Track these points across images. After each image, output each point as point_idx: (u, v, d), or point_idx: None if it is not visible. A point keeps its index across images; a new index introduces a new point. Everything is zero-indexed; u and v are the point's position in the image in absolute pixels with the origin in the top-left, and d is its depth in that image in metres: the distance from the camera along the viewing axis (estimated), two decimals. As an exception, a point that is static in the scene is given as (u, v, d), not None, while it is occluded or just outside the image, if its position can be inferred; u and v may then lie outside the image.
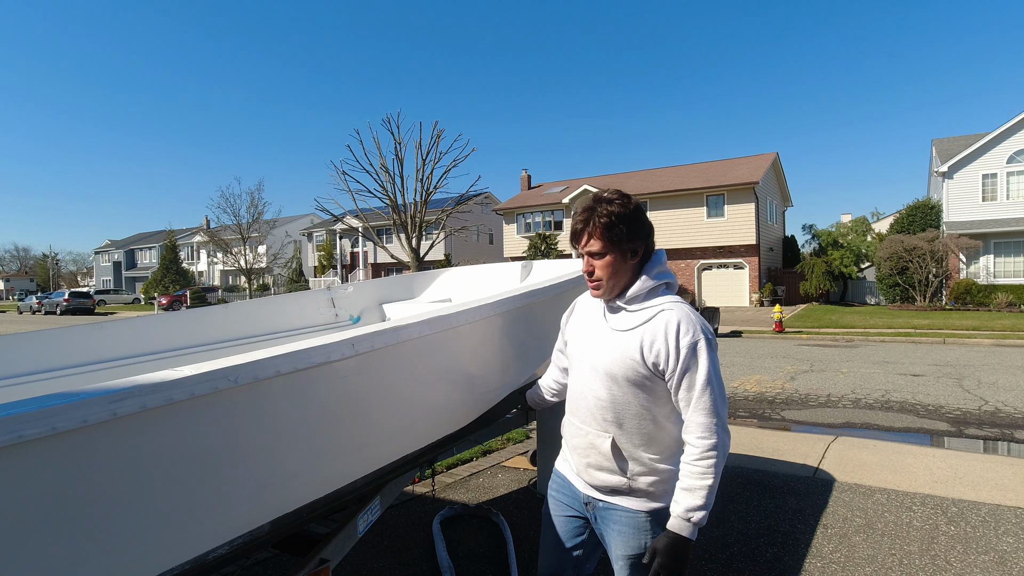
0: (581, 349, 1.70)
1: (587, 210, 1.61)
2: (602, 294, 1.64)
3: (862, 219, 30.61)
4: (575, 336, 1.76)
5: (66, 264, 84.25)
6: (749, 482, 4.28)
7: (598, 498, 1.69)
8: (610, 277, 1.61)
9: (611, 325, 1.63)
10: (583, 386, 1.67)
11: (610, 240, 1.59)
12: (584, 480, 1.72)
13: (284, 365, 1.58)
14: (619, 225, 1.58)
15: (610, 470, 1.63)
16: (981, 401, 7.35)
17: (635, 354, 1.55)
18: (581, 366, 1.69)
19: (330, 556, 1.97)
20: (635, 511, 1.63)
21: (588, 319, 1.73)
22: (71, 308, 35.69)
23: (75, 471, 1.20)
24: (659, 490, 1.62)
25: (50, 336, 2.75)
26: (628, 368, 1.56)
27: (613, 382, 1.58)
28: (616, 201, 1.60)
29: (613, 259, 1.60)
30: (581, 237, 1.63)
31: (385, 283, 4.57)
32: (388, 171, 22.09)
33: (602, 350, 1.62)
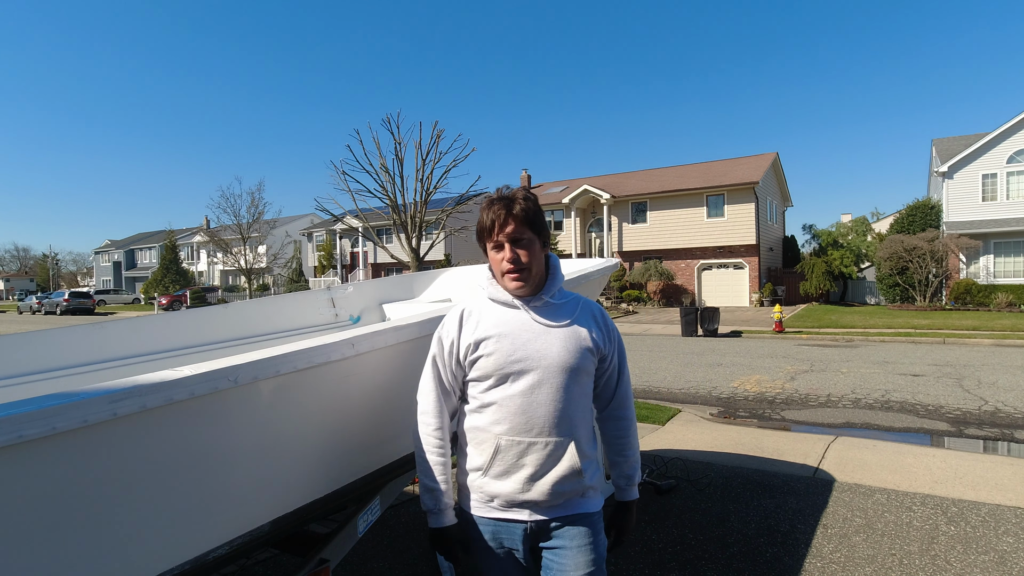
0: (518, 355, 1.51)
1: (505, 198, 1.56)
2: (526, 286, 1.55)
3: (862, 219, 30.62)
4: (499, 346, 1.52)
5: (66, 264, 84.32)
6: (749, 482, 4.28)
7: (551, 518, 1.56)
8: (535, 266, 1.56)
9: (545, 322, 1.55)
10: (534, 394, 1.50)
11: (532, 225, 1.55)
12: (534, 504, 1.54)
13: (284, 365, 1.58)
14: (539, 213, 1.59)
15: (572, 478, 1.52)
16: (981, 401, 7.35)
17: (588, 343, 1.56)
18: (524, 375, 1.51)
19: (330, 556, 1.97)
20: (590, 514, 1.59)
21: (505, 324, 1.55)
22: (71, 308, 35.70)
23: (75, 471, 1.20)
24: (600, 485, 1.65)
25: (50, 336, 2.75)
26: (585, 358, 1.55)
27: (570, 377, 1.53)
28: (528, 192, 1.61)
29: (537, 247, 1.57)
30: (506, 224, 1.52)
31: (385, 283, 4.57)
32: (388, 171, 22.10)
33: (551, 347, 1.52)
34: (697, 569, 3.01)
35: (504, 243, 1.54)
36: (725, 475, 4.44)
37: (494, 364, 1.52)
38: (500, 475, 1.53)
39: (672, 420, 6.34)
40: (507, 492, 1.53)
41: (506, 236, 1.54)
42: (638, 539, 3.37)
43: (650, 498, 4.00)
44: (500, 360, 1.52)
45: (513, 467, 1.52)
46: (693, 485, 4.22)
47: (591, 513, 1.60)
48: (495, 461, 1.53)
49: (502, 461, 1.52)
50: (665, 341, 15.03)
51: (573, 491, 1.55)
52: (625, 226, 28.30)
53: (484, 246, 1.62)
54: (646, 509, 3.82)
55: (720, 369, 10.29)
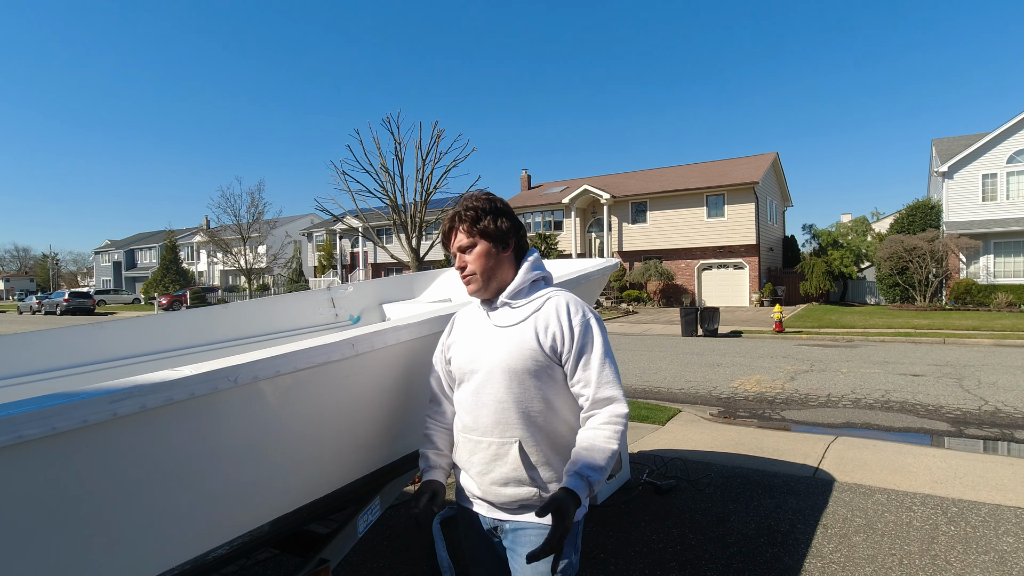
0: (470, 356, 1.59)
1: (453, 211, 1.62)
2: (477, 289, 1.60)
3: (862, 219, 30.62)
4: (460, 348, 1.63)
5: (66, 264, 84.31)
6: (749, 482, 4.28)
7: (505, 519, 1.56)
8: (484, 271, 1.58)
9: (497, 323, 1.58)
10: (479, 395, 1.55)
11: (479, 232, 1.58)
12: (488, 503, 1.58)
13: (284, 365, 1.58)
14: (485, 217, 1.58)
15: (518, 481, 1.51)
16: (981, 401, 7.35)
17: (531, 342, 1.51)
18: (473, 375, 1.57)
19: (330, 556, 1.98)
20: (545, 525, 1.46)
21: (471, 328, 1.65)
22: (71, 308, 35.69)
23: (75, 471, 1.20)
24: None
25: (50, 336, 2.75)
26: (526, 358, 1.50)
27: (512, 378, 1.50)
28: (482, 197, 1.62)
29: (484, 251, 1.58)
30: (451, 235, 1.61)
31: (385, 283, 4.57)
32: (388, 171, 22.09)
33: (494, 348, 1.55)
34: (697, 569, 3.01)
35: (455, 252, 1.61)
36: (725, 475, 4.44)
37: (457, 366, 1.64)
38: (463, 470, 1.65)
39: (672, 420, 6.34)
40: (467, 486, 1.64)
41: (455, 246, 1.60)
42: (638, 539, 3.37)
43: (650, 498, 4.00)
44: (459, 362, 1.63)
45: (467, 464, 1.61)
46: (693, 485, 4.22)
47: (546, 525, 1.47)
48: (458, 456, 1.65)
49: (459, 457, 1.64)
50: (665, 341, 15.03)
51: (526, 495, 1.52)
52: (625, 226, 28.29)
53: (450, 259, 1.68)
54: (646, 509, 3.82)
55: (720, 369, 10.29)
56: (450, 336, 1.72)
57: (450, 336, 1.72)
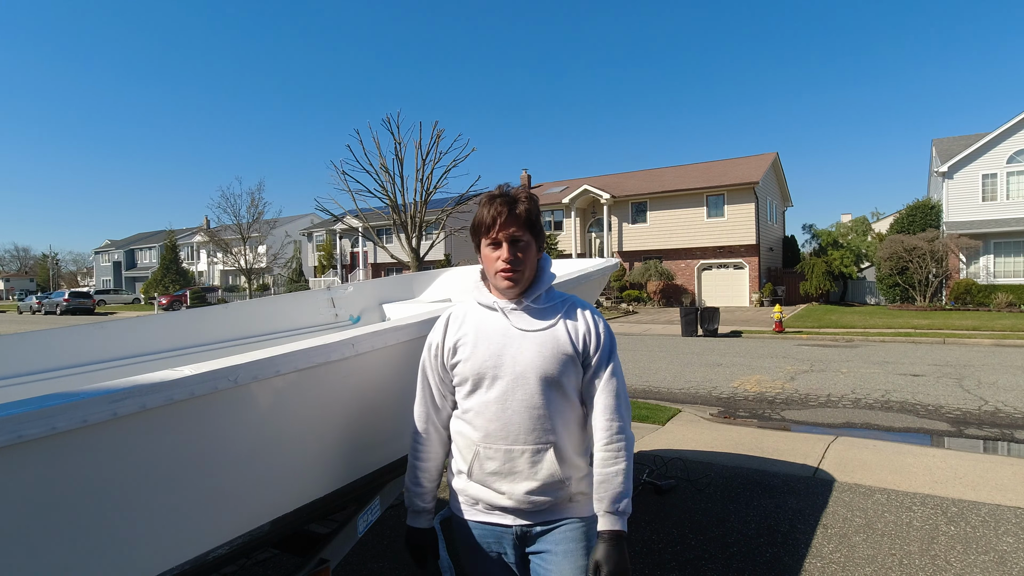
0: (490, 360, 1.51)
1: (509, 196, 1.54)
2: (517, 287, 1.53)
3: (862, 219, 30.62)
4: (475, 351, 1.53)
5: (66, 264, 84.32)
6: (749, 482, 4.28)
7: (537, 522, 1.53)
8: (528, 268, 1.54)
9: (524, 327, 1.52)
10: (507, 400, 1.49)
11: (532, 227, 1.54)
12: (517, 510, 1.53)
13: (284, 365, 1.58)
14: (538, 214, 1.57)
15: (553, 485, 1.49)
16: (981, 401, 7.35)
17: (566, 347, 1.50)
18: (497, 381, 1.50)
19: (330, 556, 1.97)
20: (581, 519, 1.54)
21: (485, 329, 1.55)
22: (71, 308, 35.69)
23: (75, 471, 1.20)
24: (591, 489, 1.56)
25: (50, 336, 2.75)
26: (562, 363, 1.49)
27: (547, 383, 1.48)
28: (530, 193, 1.59)
29: (534, 249, 1.55)
30: (507, 223, 1.50)
31: (385, 283, 4.57)
32: (388, 171, 22.08)
33: (523, 352, 1.49)
34: (697, 569, 3.01)
35: (503, 242, 1.51)
36: (725, 475, 4.44)
37: (469, 369, 1.53)
38: (481, 481, 1.54)
39: (672, 420, 6.33)
40: (489, 497, 1.54)
41: (506, 235, 1.50)
42: (638, 539, 3.36)
43: (650, 498, 4.00)
44: (475, 365, 1.52)
45: (493, 474, 1.52)
46: (693, 485, 4.22)
47: (582, 518, 1.54)
48: (474, 466, 1.54)
49: (480, 467, 1.53)
50: (665, 341, 15.03)
51: (558, 498, 1.51)
52: (625, 226, 28.29)
53: (478, 242, 1.56)
54: (646, 509, 3.82)
55: (720, 369, 10.29)
56: (450, 337, 1.59)
57: (450, 337, 1.59)
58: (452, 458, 1.65)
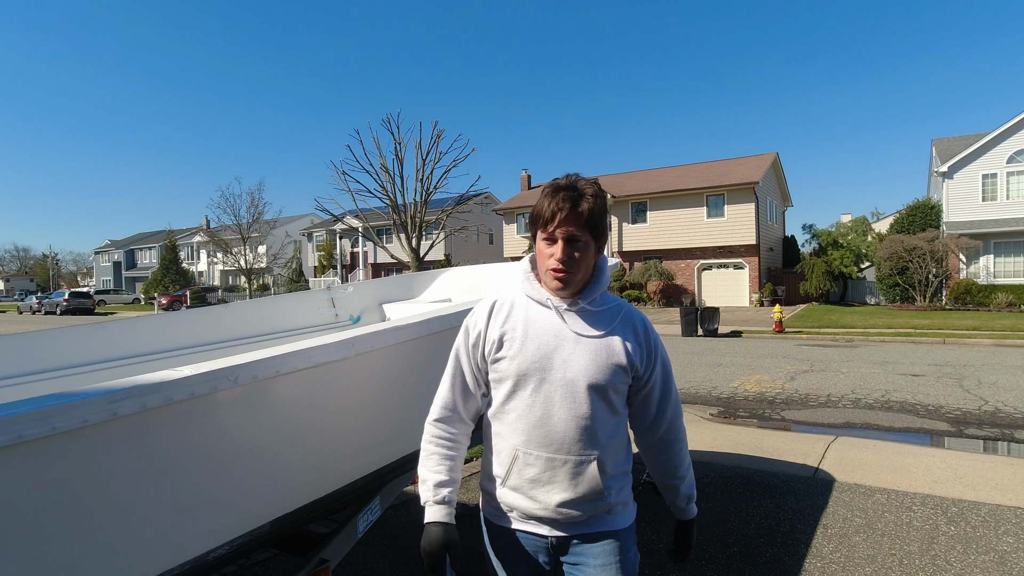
0: (540, 362, 1.41)
1: (574, 190, 1.40)
2: (567, 288, 1.43)
3: (862, 219, 30.62)
4: (520, 349, 1.43)
5: (66, 264, 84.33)
6: (749, 482, 4.28)
7: (573, 534, 1.46)
8: (583, 269, 1.43)
9: (579, 330, 1.43)
10: (552, 406, 1.40)
11: (594, 228, 1.41)
12: (553, 520, 1.45)
13: (284, 365, 1.58)
14: (602, 214, 1.44)
15: (594, 497, 1.42)
16: (981, 401, 7.35)
17: (620, 358, 1.42)
18: (544, 384, 1.41)
19: (330, 556, 1.98)
20: (618, 531, 1.48)
21: (537, 326, 1.44)
22: (71, 308, 35.70)
23: (75, 471, 1.20)
24: (629, 500, 1.52)
25: (50, 336, 2.75)
26: (615, 373, 1.41)
27: (598, 395, 1.40)
28: (600, 189, 1.45)
29: (592, 250, 1.43)
30: (567, 219, 1.38)
31: (385, 283, 4.57)
32: (388, 171, 22.10)
33: (576, 358, 1.40)
34: (697, 569, 3.01)
35: (559, 239, 1.40)
36: (725, 475, 4.44)
37: (515, 368, 1.42)
38: (517, 487, 1.45)
39: (672, 420, 6.32)
40: (524, 506, 1.45)
41: (563, 233, 1.39)
42: (638, 539, 3.36)
43: (650, 498, 4.00)
44: (521, 365, 1.42)
45: (530, 481, 1.43)
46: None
47: (618, 530, 1.48)
48: (512, 472, 1.44)
49: (519, 473, 1.43)
50: (665, 341, 14.98)
51: (596, 509, 1.44)
52: (625, 226, 28.29)
53: (534, 232, 1.45)
54: (646, 509, 3.81)
55: (720, 369, 10.29)
56: (495, 328, 1.47)
57: (495, 328, 1.47)
58: (485, 460, 1.56)
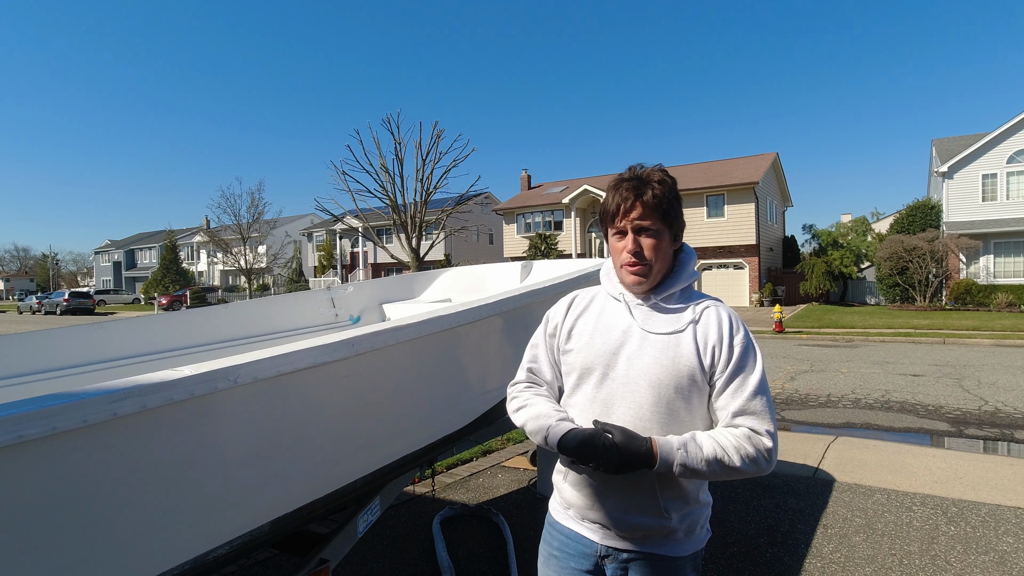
0: (604, 358, 1.36)
1: (638, 179, 1.35)
2: (644, 282, 1.35)
3: (862, 219, 30.60)
4: (591, 343, 1.39)
5: (66, 264, 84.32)
6: (749, 482, 4.28)
7: (624, 548, 1.36)
8: (657, 260, 1.34)
9: (647, 327, 1.35)
10: (611, 405, 1.34)
11: (664, 215, 1.34)
12: (604, 527, 1.37)
13: (284, 365, 1.58)
14: (674, 201, 1.36)
15: (648, 511, 1.32)
16: (981, 401, 7.35)
17: (691, 359, 1.30)
18: (606, 380, 1.35)
19: (330, 556, 1.98)
20: (673, 559, 1.35)
21: (605, 320, 1.40)
22: (71, 308, 35.70)
23: (75, 471, 1.20)
24: (699, 526, 1.39)
25: (50, 336, 2.75)
26: (681, 375, 1.30)
27: (660, 395, 1.30)
28: (668, 176, 1.38)
29: (664, 239, 1.35)
30: (633, 209, 1.33)
31: (385, 283, 4.57)
32: (388, 171, 22.11)
33: (641, 355, 1.32)
34: (697, 569, 3.01)
35: (627, 230, 1.35)
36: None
37: (580, 362, 1.39)
38: (576, 483, 1.39)
39: (672, 420, 6.33)
40: (580, 504, 1.39)
41: (631, 223, 1.34)
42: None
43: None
44: (586, 359, 1.38)
45: (586, 480, 1.37)
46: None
47: (674, 558, 1.35)
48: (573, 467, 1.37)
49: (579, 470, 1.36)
50: (665, 341, 15.01)
51: (651, 527, 1.33)
52: (625, 226, 28.27)
53: (605, 231, 1.41)
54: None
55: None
56: (568, 318, 1.46)
57: (568, 318, 1.46)
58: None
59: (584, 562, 1.40)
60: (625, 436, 1.23)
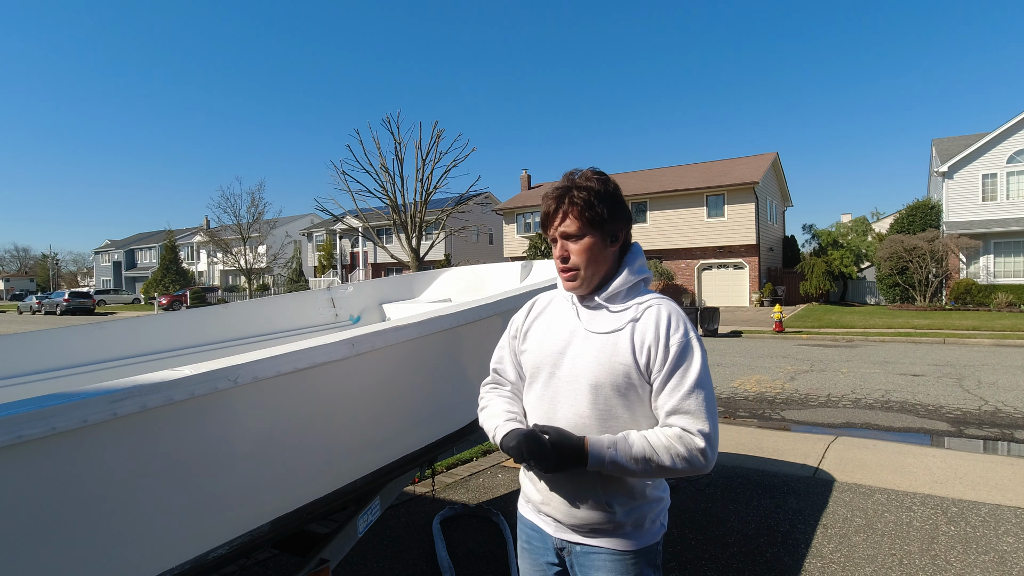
0: (551, 358, 1.41)
1: (561, 188, 1.39)
2: (578, 286, 1.40)
3: (862, 219, 30.62)
4: (541, 343, 1.45)
5: (66, 264, 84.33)
6: (749, 482, 4.28)
7: (575, 541, 1.42)
8: (588, 264, 1.38)
9: (589, 327, 1.39)
10: (556, 403, 1.39)
11: (589, 220, 1.36)
12: (556, 520, 1.43)
13: (284, 365, 1.58)
14: (598, 204, 1.37)
15: (593, 505, 1.36)
16: (981, 401, 7.35)
17: (626, 357, 1.33)
18: (551, 379, 1.41)
19: (330, 556, 1.98)
20: (622, 552, 1.38)
21: (555, 322, 1.46)
22: (71, 308, 35.70)
23: (75, 471, 1.20)
24: (649, 521, 1.41)
25: (50, 336, 2.75)
26: (617, 374, 1.33)
27: (598, 394, 1.34)
28: (594, 177, 1.40)
29: (592, 243, 1.38)
30: (555, 218, 1.39)
31: (385, 283, 4.57)
32: (388, 171, 22.11)
33: (583, 356, 1.37)
34: (697, 569, 3.01)
35: (556, 238, 1.40)
36: (725, 475, 4.44)
37: (531, 361, 1.46)
38: (532, 479, 1.47)
39: (672, 420, 6.33)
40: (536, 499, 1.47)
41: (556, 231, 1.39)
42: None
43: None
44: (536, 359, 1.45)
45: (540, 475, 1.43)
46: (693, 485, 4.22)
47: (624, 551, 1.38)
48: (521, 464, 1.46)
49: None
50: (665, 341, 15.00)
51: (598, 520, 1.37)
52: (625, 226, 28.27)
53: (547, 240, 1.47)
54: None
55: (720, 369, 10.29)
56: (527, 321, 1.53)
57: (527, 321, 1.53)
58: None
59: (548, 554, 1.48)
60: (559, 436, 1.29)
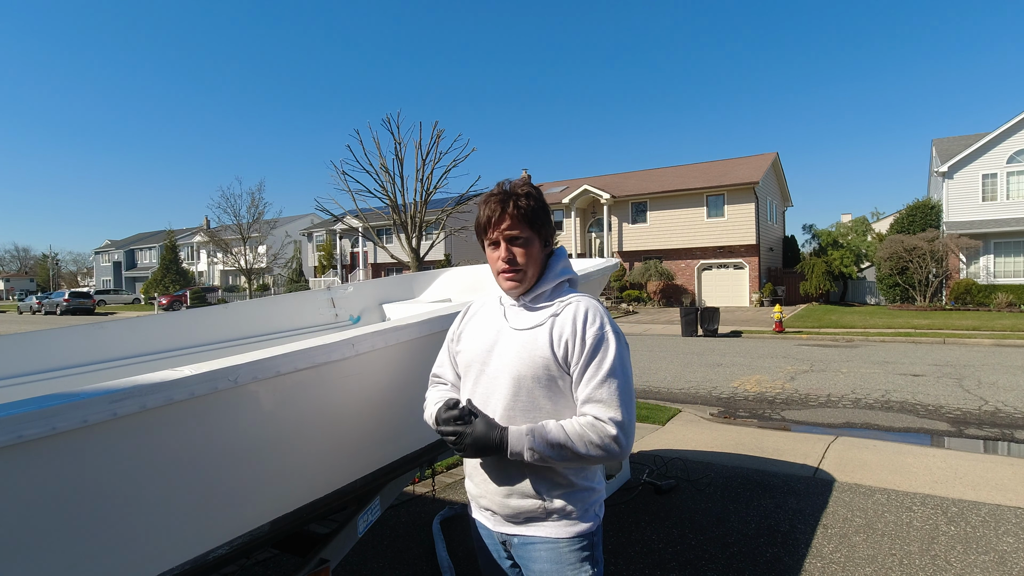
0: (478, 354, 1.50)
1: (504, 194, 1.46)
2: (520, 286, 1.47)
3: (862, 219, 30.61)
4: (471, 343, 1.54)
5: (66, 264, 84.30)
6: (749, 482, 4.28)
7: (513, 533, 1.48)
8: (530, 266, 1.46)
9: (513, 325, 1.48)
10: (488, 397, 1.45)
11: (532, 224, 1.45)
12: (494, 513, 1.49)
13: (284, 365, 1.58)
14: (540, 210, 1.47)
15: (522, 493, 1.43)
16: (981, 401, 7.35)
17: (544, 351, 1.40)
18: (481, 376, 1.48)
19: (330, 556, 1.98)
20: (555, 539, 1.43)
21: (485, 323, 1.54)
22: (71, 308, 35.69)
23: (75, 471, 1.20)
24: (580, 509, 1.44)
25: (50, 336, 2.75)
26: (538, 367, 1.39)
27: (520, 386, 1.41)
28: (532, 186, 1.50)
29: (534, 246, 1.46)
30: (502, 221, 1.44)
31: (385, 283, 4.57)
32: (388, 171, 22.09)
33: (505, 351, 1.45)
34: (697, 569, 3.01)
35: (500, 241, 1.46)
36: (725, 475, 4.44)
37: (463, 361, 1.55)
38: (470, 475, 1.55)
39: (672, 420, 6.34)
40: (475, 493, 1.55)
41: (502, 234, 1.45)
42: (638, 539, 3.37)
43: (650, 498, 4.00)
44: (467, 358, 1.53)
45: (473, 469, 1.53)
46: (693, 485, 4.22)
47: (558, 539, 1.43)
48: (466, 461, 1.55)
49: (467, 461, 1.53)
50: (665, 341, 15.03)
51: (530, 508, 1.43)
52: (625, 226, 28.29)
53: (482, 243, 1.52)
54: (646, 509, 3.82)
55: (720, 369, 10.29)
56: (461, 324, 1.63)
57: (461, 324, 1.63)
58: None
59: (498, 549, 1.55)
60: (484, 424, 1.37)
